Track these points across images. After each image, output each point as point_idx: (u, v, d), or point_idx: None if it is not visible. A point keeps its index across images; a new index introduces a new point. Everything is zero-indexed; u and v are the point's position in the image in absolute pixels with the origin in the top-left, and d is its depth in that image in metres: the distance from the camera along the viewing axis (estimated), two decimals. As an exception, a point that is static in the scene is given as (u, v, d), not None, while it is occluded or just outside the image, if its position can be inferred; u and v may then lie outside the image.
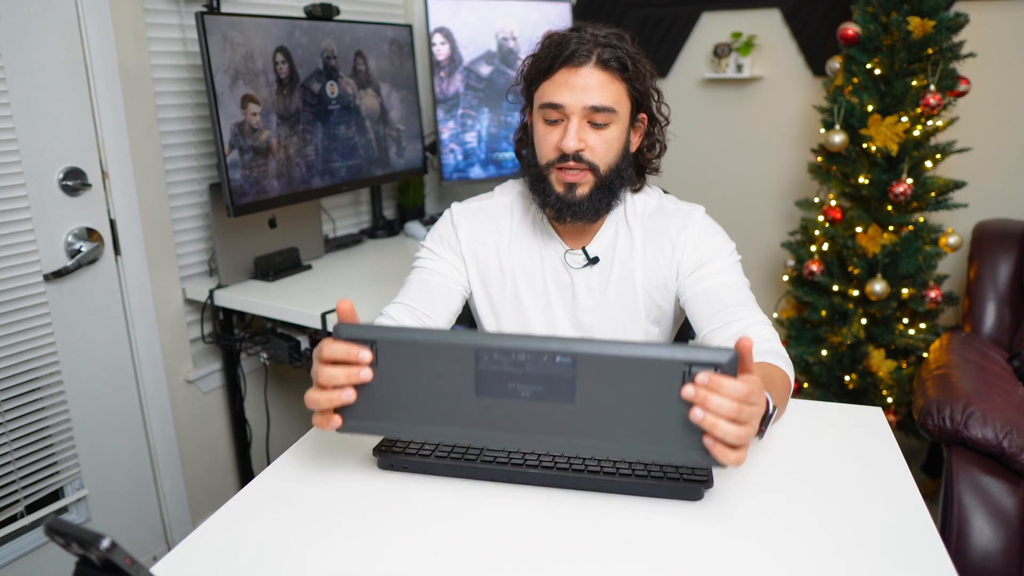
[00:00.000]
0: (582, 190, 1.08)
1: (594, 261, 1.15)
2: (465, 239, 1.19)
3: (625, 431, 0.71)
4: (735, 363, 0.69)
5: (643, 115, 1.12)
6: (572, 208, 1.08)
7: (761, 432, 0.82)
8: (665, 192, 1.24)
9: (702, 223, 1.16)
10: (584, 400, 0.70)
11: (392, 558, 0.73)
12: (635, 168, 1.17)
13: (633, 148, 1.14)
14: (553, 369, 0.70)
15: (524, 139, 1.20)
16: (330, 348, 0.74)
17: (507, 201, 1.22)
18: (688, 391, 0.67)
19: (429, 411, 0.74)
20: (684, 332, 1.37)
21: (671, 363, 0.69)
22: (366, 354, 0.74)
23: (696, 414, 0.67)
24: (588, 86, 1.04)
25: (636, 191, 1.18)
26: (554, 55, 1.06)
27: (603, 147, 1.07)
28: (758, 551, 0.74)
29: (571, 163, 1.06)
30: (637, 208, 1.17)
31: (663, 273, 1.14)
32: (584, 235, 1.16)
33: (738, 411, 0.67)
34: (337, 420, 0.76)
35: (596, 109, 1.04)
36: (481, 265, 1.20)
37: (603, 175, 1.08)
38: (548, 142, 1.08)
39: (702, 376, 0.67)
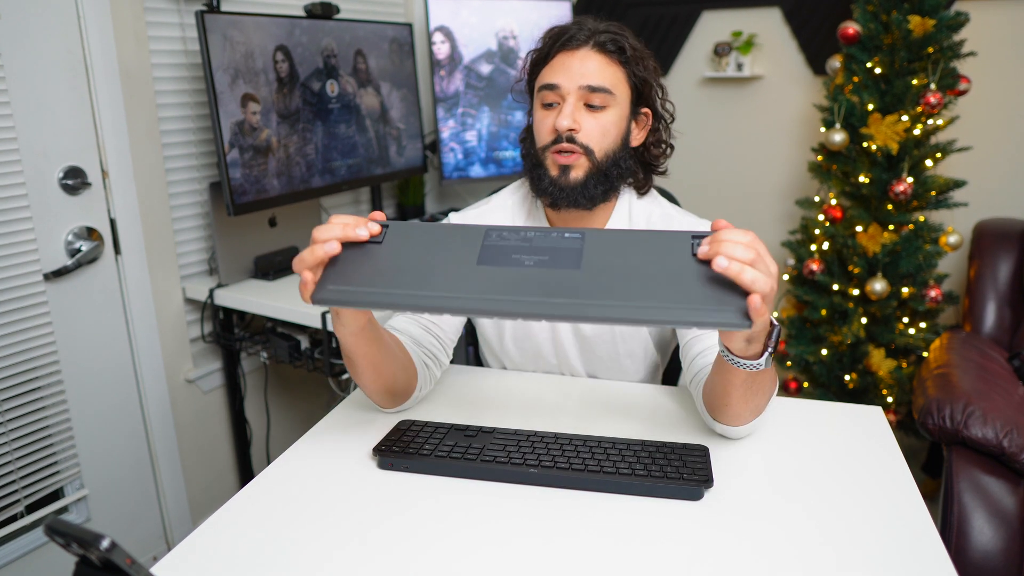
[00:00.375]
0: (576, 174, 1.05)
1: None
2: None
3: (636, 292, 0.66)
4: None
5: (646, 109, 1.11)
6: (565, 192, 1.05)
7: (765, 348, 0.80)
8: (676, 204, 1.23)
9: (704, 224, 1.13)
10: (591, 266, 0.68)
11: (392, 558, 0.73)
12: (641, 166, 1.14)
13: (635, 142, 1.12)
14: (561, 242, 0.69)
15: (528, 136, 1.17)
16: (338, 215, 0.75)
17: (507, 204, 1.19)
18: (704, 248, 0.68)
19: (424, 280, 0.70)
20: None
21: (678, 235, 0.70)
22: (373, 225, 0.74)
23: (720, 262, 0.66)
24: (585, 67, 1.03)
25: (642, 194, 1.15)
26: (552, 42, 1.07)
27: (598, 130, 1.05)
28: (758, 551, 0.73)
29: (565, 144, 1.04)
30: (642, 216, 1.14)
31: None
32: None
33: (756, 255, 0.68)
34: (310, 287, 0.74)
35: (592, 89, 1.03)
36: None
37: (598, 160, 1.05)
38: (545, 125, 1.07)
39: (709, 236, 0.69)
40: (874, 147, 1.99)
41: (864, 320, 2.09)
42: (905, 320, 2.10)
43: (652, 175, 1.17)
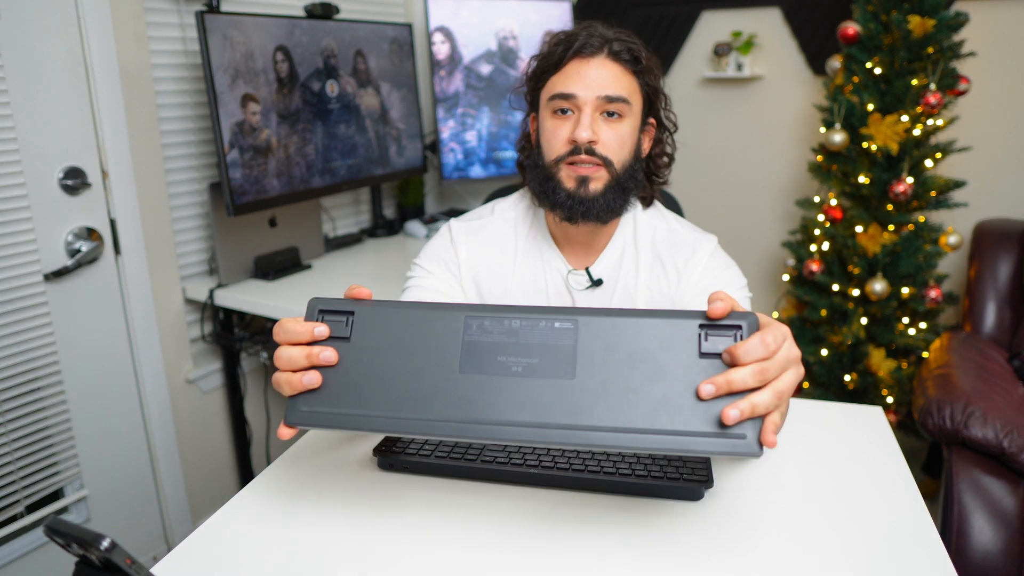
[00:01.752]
0: (595, 186, 1.01)
1: (597, 283, 1.09)
2: (466, 261, 1.11)
3: (636, 413, 0.59)
4: (756, 322, 0.60)
5: (652, 120, 1.08)
6: (585, 205, 1.01)
7: None
8: (674, 202, 1.21)
9: (712, 255, 1.08)
10: (586, 373, 0.60)
11: (392, 558, 0.73)
12: (645, 175, 1.11)
13: (644, 152, 1.09)
14: (551, 337, 0.61)
15: (527, 147, 1.13)
16: (287, 326, 0.65)
17: (511, 218, 1.14)
18: (708, 388, 0.58)
19: (404, 396, 0.62)
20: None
21: (683, 323, 0.60)
22: (323, 329, 0.65)
23: (731, 415, 0.57)
24: (601, 76, 1.00)
25: (646, 205, 1.13)
26: (564, 47, 1.02)
27: (616, 142, 1.01)
28: (758, 551, 0.73)
29: (584, 156, 1.00)
30: (647, 231, 1.11)
31: (664, 304, 1.07)
32: (589, 251, 1.10)
33: (762, 371, 0.58)
34: (283, 430, 0.65)
35: (610, 99, 0.99)
36: (483, 291, 1.12)
37: (618, 172, 1.02)
38: (559, 136, 1.02)
39: (722, 350, 0.59)
40: (874, 147, 1.99)
41: (864, 320, 2.09)
42: (905, 320, 2.10)
43: (655, 187, 1.14)
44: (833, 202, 2.13)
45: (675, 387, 0.59)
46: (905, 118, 1.94)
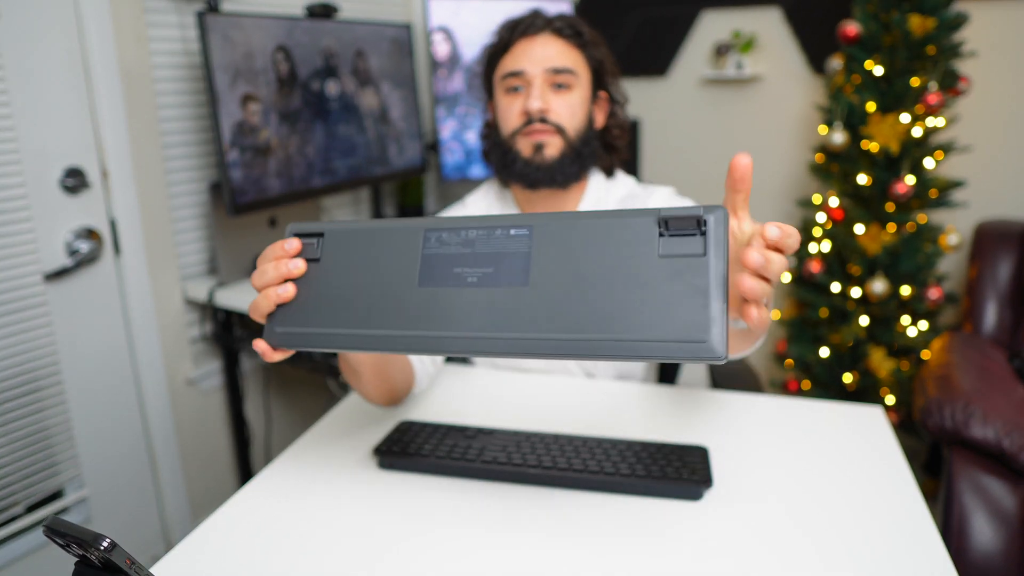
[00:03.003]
0: (550, 152, 1.07)
1: None
2: None
3: (593, 316, 0.56)
4: (725, 218, 0.56)
5: (603, 93, 1.14)
6: (541, 171, 1.07)
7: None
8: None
9: (671, 195, 1.15)
10: (541, 279, 0.58)
11: (392, 558, 0.73)
12: (604, 147, 1.17)
13: (598, 124, 1.15)
14: (506, 245, 0.60)
15: (491, 133, 1.19)
16: (265, 250, 0.70)
17: (485, 197, 1.22)
18: (754, 258, 0.56)
19: (367, 312, 0.63)
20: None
21: (640, 218, 0.57)
22: (293, 243, 0.67)
23: (755, 258, 0.56)
24: (547, 51, 1.07)
25: (609, 176, 1.19)
26: (509, 32, 1.10)
27: (567, 110, 1.07)
28: (758, 551, 0.73)
29: (537, 125, 1.06)
30: (609, 196, 1.17)
31: None
32: None
33: (767, 262, 0.57)
34: (262, 344, 0.67)
35: (557, 71, 1.06)
36: None
37: (571, 139, 1.08)
38: (512, 110, 1.09)
39: (772, 229, 0.57)
40: (874, 147, 1.99)
41: (864, 320, 2.09)
42: (905, 320, 2.10)
43: (616, 157, 1.20)
44: (833, 202, 2.13)
45: (633, 291, 0.56)
46: (905, 118, 1.94)
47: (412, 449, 0.89)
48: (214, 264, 1.89)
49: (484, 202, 1.22)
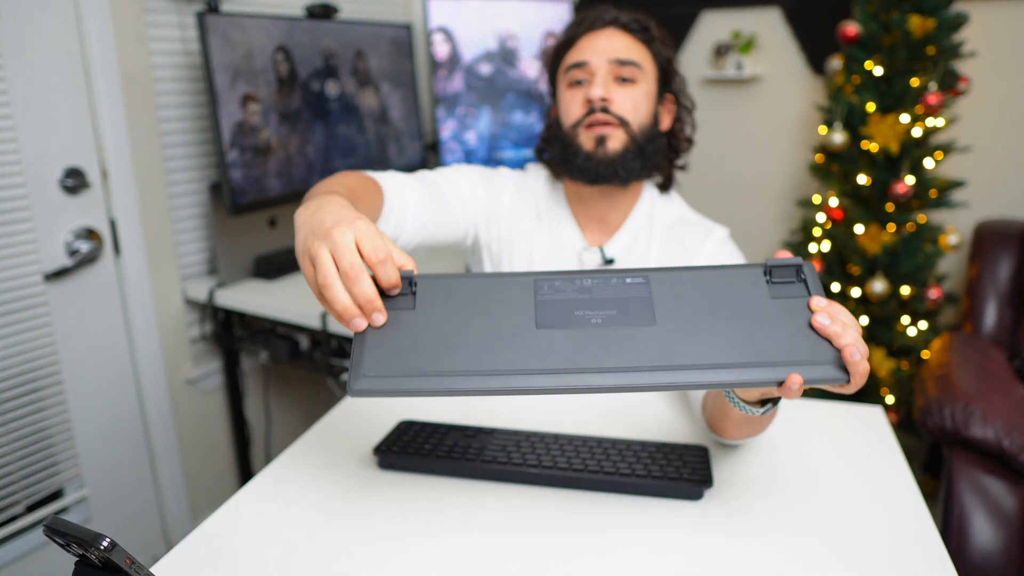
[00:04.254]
0: (613, 144, 1.03)
1: (609, 263, 1.10)
2: (508, 206, 1.13)
3: (721, 348, 0.60)
4: (813, 267, 0.65)
5: (670, 95, 1.11)
6: (603, 165, 1.02)
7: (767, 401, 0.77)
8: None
9: (724, 242, 1.10)
10: (666, 318, 0.61)
11: (392, 558, 0.73)
12: (668, 152, 1.13)
13: (664, 126, 1.11)
14: (625, 291, 0.62)
15: (550, 136, 1.14)
16: (340, 252, 0.59)
17: (537, 181, 1.17)
18: (818, 302, 0.62)
19: (480, 355, 0.60)
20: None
21: (749, 271, 0.64)
22: (392, 274, 0.61)
23: (821, 320, 0.61)
24: (612, 44, 1.04)
25: (663, 190, 1.14)
26: (574, 28, 1.07)
27: (631, 103, 1.04)
28: (758, 551, 0.73)
29: (599, 115, 1.02)
30: (662, 216, 1.13)
31: None
32: (605, 229, 1.12)
33: (851, 321, 0.62)
34: (381, 316, 0.61)
35: (621, 62, 1.03)
36: (513, 242, 1.12)
37: (635, 133, 1.03)
38: (575, 102, 1.05)
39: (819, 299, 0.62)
40: (874, 147, 1.99)
41: (864, 320, 2.09)
42: (905, 320, 2.10)
43: (674, 170, 1.16)
44: (833, 202, 2.13)
45: (755, 325, 0.61)
46: (905, 118, 1.94)
47: (412, 449, 0.89)
48: (214, 264, 1.89)
49: (539, 182, 1.16)
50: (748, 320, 0.61)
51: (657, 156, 1.08)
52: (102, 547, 0.52)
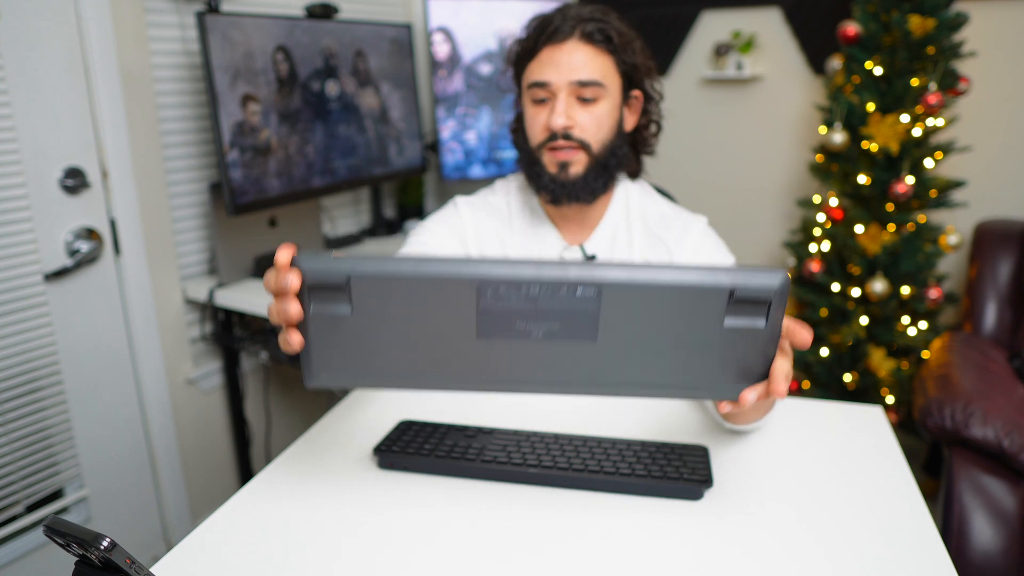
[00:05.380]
0: (575, 169, 1.05)
1: (591, 260, 1.12)
2: (472, 231, 1.15)
3: (657, 370, 0.62)
4: (787, 289, 0.60)
5: (637, 92, 1.10)
6: (567, 189, 1.05)
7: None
8: (667, 195, 1.23)
9: (703, 233, 1.13)
10: (609, 336, 0.60)
11: (392, 558, 0.73)
12: (632, 149, 1.14)
13: (629, 127, 1.12)
14: (573, 304, 0.59)
15: (519, 128, 1.16)
16: (268, 274, 0.60)
17: (506, 195, 1.19)
18: (750, 398, 0.64)
19: (421, 359, 0.61)
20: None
21: (712, 293, 0.59)
22: (294, 280, 0.58)
23: (750, 398, 0.64)
24: (573, 61, 1.02)
25: (634, 178, 1.16)
26: (537, 34, 1.05)
27: (593, 124, 1.04)
28: (758, 551, 0.73)
29: (561, 142, 1.04)
30: (638, 210, 1.15)
31: None
32: (583, 227, 1.14)
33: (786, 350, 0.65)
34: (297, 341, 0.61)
35: (583, 84, 1.02)
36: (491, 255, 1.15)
37: (596, 154, 1.05)
38: (537, 123, 1.06)
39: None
40: (874, 147, 1.99)
41: (864, 320, 2.09)
42: (905, 320, 2.10)
43: (642, 156, 1.17)
44: (833, 202, 2.13)
45: (697, 353, 0.62)
46: (905, 118, 1.94)
47: (412, 449, 0.89)
48: (214, 264, 1.89)
49: (507, 192, 1.18)
50: (692, 347, 0.61)
51: (621, 163, 1.10)
52: (102, 547, 0.52)
